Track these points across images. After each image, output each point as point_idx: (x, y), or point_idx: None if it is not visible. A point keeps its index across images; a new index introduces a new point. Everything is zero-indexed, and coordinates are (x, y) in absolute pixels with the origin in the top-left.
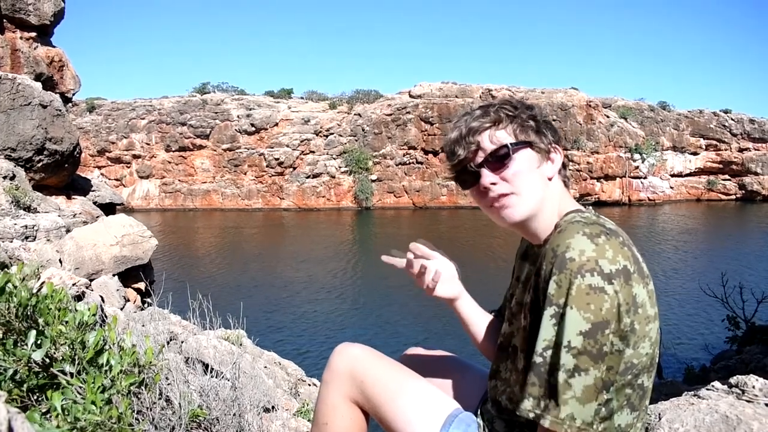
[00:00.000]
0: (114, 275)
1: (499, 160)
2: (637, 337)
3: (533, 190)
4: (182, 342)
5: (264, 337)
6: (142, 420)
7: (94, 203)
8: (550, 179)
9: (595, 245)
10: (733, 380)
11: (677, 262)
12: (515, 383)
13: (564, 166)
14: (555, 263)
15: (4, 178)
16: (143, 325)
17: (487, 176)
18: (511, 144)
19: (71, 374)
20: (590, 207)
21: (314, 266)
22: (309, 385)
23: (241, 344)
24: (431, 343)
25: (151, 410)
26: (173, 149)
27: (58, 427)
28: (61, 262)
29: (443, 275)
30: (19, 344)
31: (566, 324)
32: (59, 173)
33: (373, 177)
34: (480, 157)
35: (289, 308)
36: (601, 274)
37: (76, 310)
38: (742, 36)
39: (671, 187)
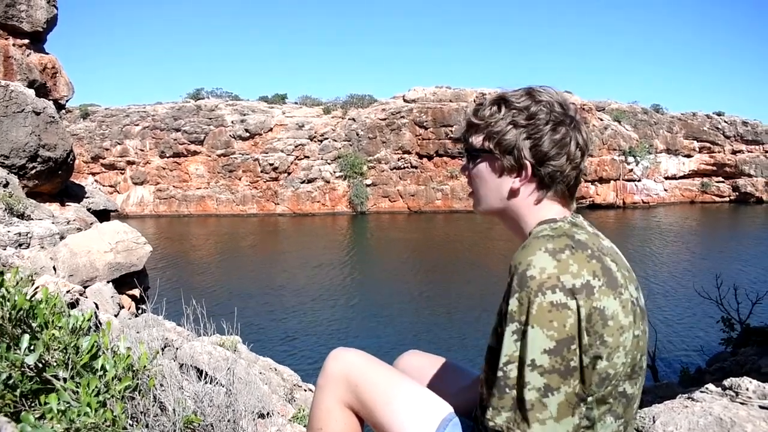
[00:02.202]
0: (108, 282)
1: (469, 156)
2: (610, 349)
3: (486, 195)
4: (177, 348)
5: (259, 343)
6: (137, 425)
7: (88, 210)
8: (514, 190)
9: (557, 261)
10: (727, 382)
11: (672, 264)
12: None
13: (552, 179)
14: (516, 280)
15: None
16: (138, 332)
17: (465, 163)
18: (469, 150)
19: (65, 379)
20: (567, 216)
21: (310, 271)
22: (305, 390)
23: (235, 350)
24: (426, 348)
25: (145, 416)
26: (167, 155)
27: (52, 429)
28: (55, 269)
29: None
30: (12, 349)
31: (529, 343)
32: (53, 180)
33: (368, 181)
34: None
35: (284, 314)
36: (563, 290)
37: (70, 315)
38: (735, 38)
39: (665, 190)
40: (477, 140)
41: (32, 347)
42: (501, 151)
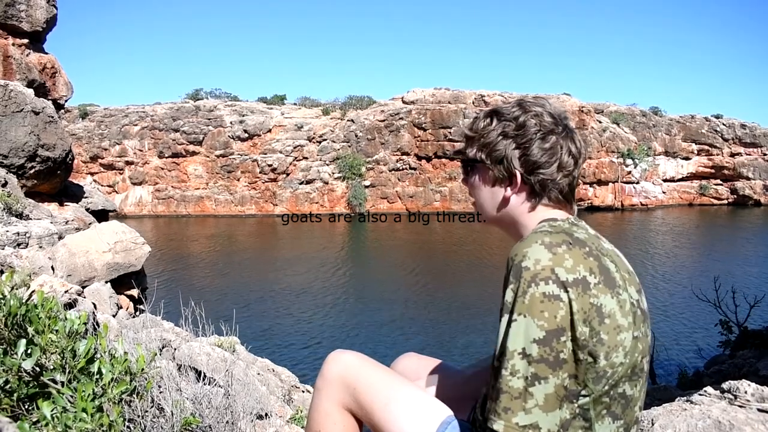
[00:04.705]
0: (107, 282)
1: (465, 167)
2: (608, 348)
3: (482, 204)
4: (175, 349)
5: (258, 344)
6: (134, 428)
7: (87, 210)
8: (506, 199)
9: (553, 254)
10: (725, 385)
11: (670, 267)
12: None
13: (544, 187)
14: (512, 272)
15: None
16: (136, 332)
17: (464, 175)
18: (464, 161)
19: (62, 383)
20: (570, 218)
21: (308, 272)
22: (303, 391)
23: (234, 351)
24: (424, 351)
25: (142, 418)
26: (166, 155)
27: None
28: (53, 269)
29: None
30: (8, 353)
31: (520, 332)
32: (52, 180)
33: (367, 183)
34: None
35: (283, 315)
36: (557, 282)
37: (66, 319)
38: (734, 40)
39: (663, 192)
40: (471, 152)
41: (29, 351)
42: (492, 162)
